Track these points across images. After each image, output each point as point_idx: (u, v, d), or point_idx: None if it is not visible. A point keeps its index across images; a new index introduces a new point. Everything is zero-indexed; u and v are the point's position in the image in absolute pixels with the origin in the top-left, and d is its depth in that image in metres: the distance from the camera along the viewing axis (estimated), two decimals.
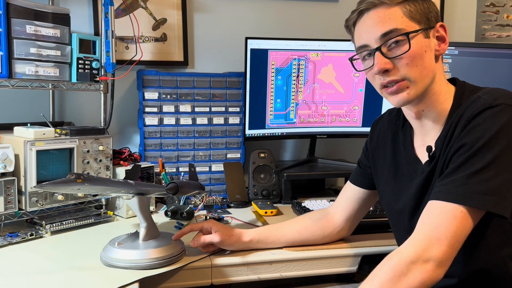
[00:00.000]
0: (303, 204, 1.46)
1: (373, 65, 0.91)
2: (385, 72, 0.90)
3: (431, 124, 0.96)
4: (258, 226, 1.32)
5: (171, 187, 1.06)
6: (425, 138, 0.98)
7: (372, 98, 1.75)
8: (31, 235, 1.17)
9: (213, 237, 1.09)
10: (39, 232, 1.20)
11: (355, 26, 0.95)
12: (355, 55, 0.96)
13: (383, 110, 1.76)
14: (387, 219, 1.41)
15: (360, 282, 1.18)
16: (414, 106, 0.95)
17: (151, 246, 1.02)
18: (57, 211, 1.31)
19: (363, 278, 1.23)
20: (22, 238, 1.15)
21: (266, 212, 1.43)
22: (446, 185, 0.83)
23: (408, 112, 0.99)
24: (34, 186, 0.94)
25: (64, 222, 1.25)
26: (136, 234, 1.07)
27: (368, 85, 1.73)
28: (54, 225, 1.22)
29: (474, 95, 0.90)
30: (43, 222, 1.22)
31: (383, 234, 1.27)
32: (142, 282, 0.94)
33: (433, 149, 0.92)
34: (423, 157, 0.97)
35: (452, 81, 0.98)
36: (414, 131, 1.02)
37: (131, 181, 0.99)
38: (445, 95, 0.94)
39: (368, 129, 1.76)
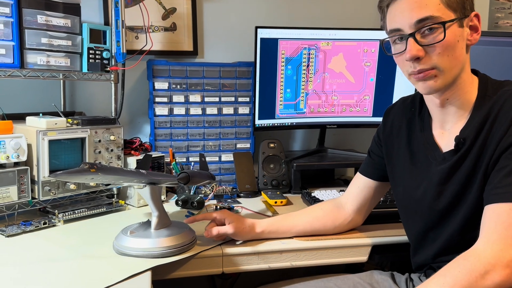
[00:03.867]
0: (312, 194, 1.46)
1: (404, 50, 0.89)
2: (416, 59, 0.89)
3: (453, 113, 0.96)
4: (268, 216, 1.32)
5: (183, 177, 1.06)
6: (444, 125, 0.98)
7: (383, 87, 1.73)
8: (44, 223, 1.19)
9: (227, 229, 1.10)
10: (52, 220, 1.22)
11: (388, 8, 0.92)
12: (386, 38, 0.95)
13: (394, 100, 1.74)
14: (397, 209, 1.41)
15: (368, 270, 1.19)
16: (441, 94, 0.95)
17: (163, 235, 1.03)
18: (70, 200, 1.32)
19: (373, 268, 1.24)
20: (35, 227, 1.17)
21: (276, 202, 1.44)
22: (510, 185, 0.82)
23: (432, 99, 0.98)
24: (49, 175, 0.95)
25: (76, 211, 1.26)
26: (148, 223, 1.08)
27: (379, 75, 1.72)
28: (66, 214, 1.24)
29: (506, 88, 0.90)
30: (56, 211, 1.24)
31: (394, 224, 1.27)
32: (154, 270, 0.95)
33: (462, 139, 0.91)
34: (443, 144, 0.97)
35: (473, 72, 0.98)
36: (432, 118, 1.01)
37: (143, 171, 1.00)
38: (470, 85, 0.94)
39: (378, 119, 1.75)
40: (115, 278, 0.89)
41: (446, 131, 0.98)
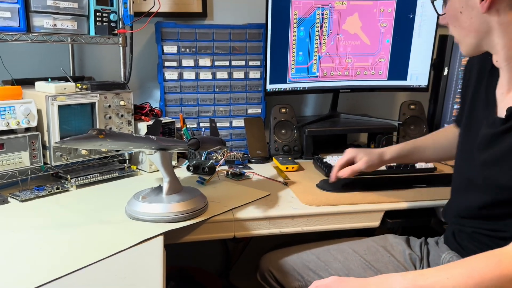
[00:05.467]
0: (324, 160, 1.45)
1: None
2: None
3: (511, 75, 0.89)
4: (279, 182, 1.32)
5: (193, 143, 1.05)
6: (506, 86, 0.91)
7: (399, 49, 1.67)
8: (57, 188, 1.20)
9: (360, 165, 1.17)
10: (65, 185, 1.23)
11: None
12: None
13: (411, 62, 1.69)
14: (411, 174, 1.40)
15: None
16: (486, 56, 0.92)
17: (175, 200, 1.03)
18: (82, 165, 1.33)
19: (384, 232, 1.24)
20: (48, 192, 1.18)
21: (287, 168, 1.42)
22: None
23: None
24: (56, 142, 0.95)
25: (88, 176, 1.27)
26: (159, 188, 1.08)
27: (396, 36, 1.65)
28: (79, 179, 1.25)
29: None
30: (68, 176, 1.24)
31: (407, 190, 1.26)
32: (166, 234, 0.96)
33: None
34: (500, 106, 0.91)
35: None
36: (500, 76, 0.94)
37: (153, 137, 0.98)
38: None
39: (394, 83, 1.71)
40: (127, 242, 0.89)
41: (506, 92, 0.91)
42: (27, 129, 1.19)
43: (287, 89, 1.64)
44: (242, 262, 1.83)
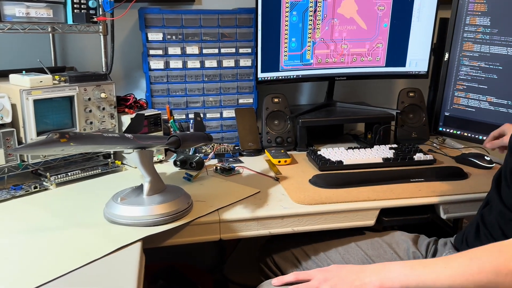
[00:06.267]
0: (318, 153, 1.38)
1: None
2: None
3: None
4: (270, 177, 1.25)
5: (172, 141, 0.98)
6: None
7: (397, 34, 1.58)
8: (35, 187, 1.13)
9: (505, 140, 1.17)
10: (44, 184, 1.17)
11: None
12: None
13: (410, 48, 1.61)
14: (408, 168, 1.34)
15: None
16: None
17: (156, 202, 0.97)
18: (64, 161, 1.26)
19: (380, 230, 1.18)
20: (26, 191, 1.12)
21: (279, 161, 1.36)
22: None
23: None
24: (9, 152, 0.88)
25: (69, 173, 1.20)
26: (140, 188, 1.02)
27: (394, 20, 1.56)
28: (59, 176, 1.18)
29: None
30: (48, 173, 1.18)
31: (404, 185, 1.20)
32: (147, 238, 0.90)
33: None
34: None
35: None
36: None
37: (129, 135, 0.91)
38: None
39: (392, 69, 1.63)
40: (103, 249, 0.84)
41: None
42: (1, 126, 1.12)
43: (280, 77, 1.56)
44: (237, 255, 1.78)
